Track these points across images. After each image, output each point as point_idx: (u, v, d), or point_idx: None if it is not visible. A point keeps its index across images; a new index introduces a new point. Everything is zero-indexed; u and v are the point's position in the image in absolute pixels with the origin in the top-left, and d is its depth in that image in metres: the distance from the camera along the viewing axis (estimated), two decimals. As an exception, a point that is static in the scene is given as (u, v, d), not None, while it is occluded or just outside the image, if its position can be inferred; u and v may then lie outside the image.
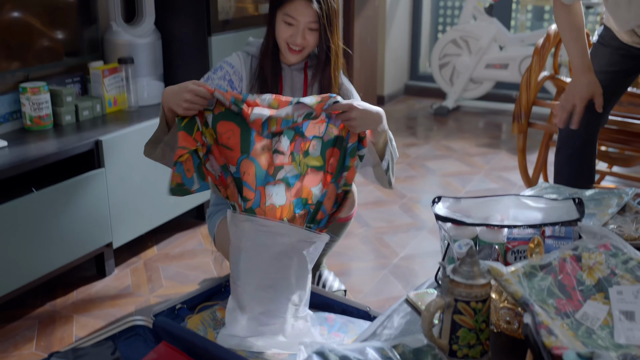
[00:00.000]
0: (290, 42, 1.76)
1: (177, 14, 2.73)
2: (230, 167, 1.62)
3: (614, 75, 2.15)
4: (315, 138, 1.63)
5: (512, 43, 4.51)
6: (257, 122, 1.58)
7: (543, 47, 2.63)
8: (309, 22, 1.74)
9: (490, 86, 4.64)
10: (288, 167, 1.63)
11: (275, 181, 1.62)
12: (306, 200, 1.64)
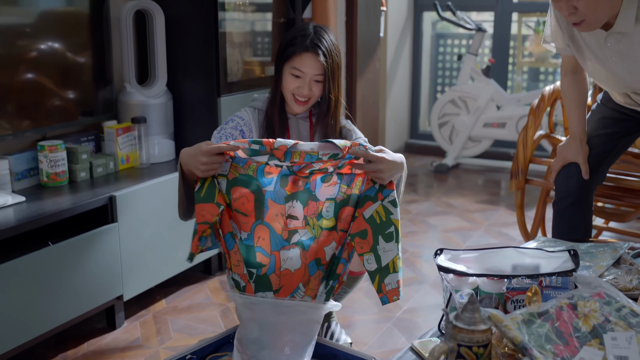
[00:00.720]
0: (296, 94, 1.87)
1: (188, 76, 2.86)
2: (242, 233, 1.66)
3: (609, 136, 2.25)
4: (328, 199, 1.67)
5: (508, 103, 4.65)
6: (281, 149, 1.60)
7: (538, 107, 2.75)
8: (315, 75, 1.85)
9: (489, 144, 4.76)
10: (302, 230, 1.67)
11: (290, 245, 1.67)
12: (320, 260, 1.68)
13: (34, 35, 2.40)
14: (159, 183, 2.54)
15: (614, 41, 1.96)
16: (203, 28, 2.79)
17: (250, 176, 1.67)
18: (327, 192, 1.68)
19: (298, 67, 1.84)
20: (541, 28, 4.97)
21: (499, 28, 4.93)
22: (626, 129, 2.26)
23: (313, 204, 1.68)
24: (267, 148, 1.60)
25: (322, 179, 1.68)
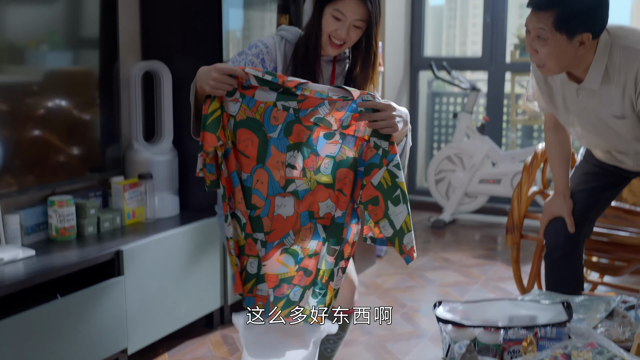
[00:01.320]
0: (334, 36, 1.88)
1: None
2: (242, 174, 1.72)
3: (592, 191, 2.35)
4: (328, 156, 1.73)
5: (503, 160, 4.76)
6: (293, 81, 1.67)
7: (531, 164, 2.84)
8: (355, 20, 1.86)
9: (485, 200, 4.84)
10: (299, 181, 1.73)
11: (285, 193, 1.73)
12: (313, 213, 1.74)
13: (46, 94, 2.51)
14: (164, 238, 2.61)
15: (585, 95, 2.07)
16: (208, 88, 2.90)
17: (257, 120, 1.71)
18: (328, 150, 1.73)
19: (341, 9, 1.86)
20: (534, 87, 5.13)
21: (493, 87, 5.08)
22: (608, 183, 2.36)
23: (313, 158, 1.73)
24: (280, 80, 1.67)
25: (325, 136, 1.73)
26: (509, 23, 5.04)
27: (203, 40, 2.90)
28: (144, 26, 3.02)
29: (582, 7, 1.88)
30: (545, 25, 1.89)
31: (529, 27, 1.96)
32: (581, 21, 1.89)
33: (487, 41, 5.00)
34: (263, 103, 1.71)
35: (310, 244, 1.75)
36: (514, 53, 5.01)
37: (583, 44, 1.93)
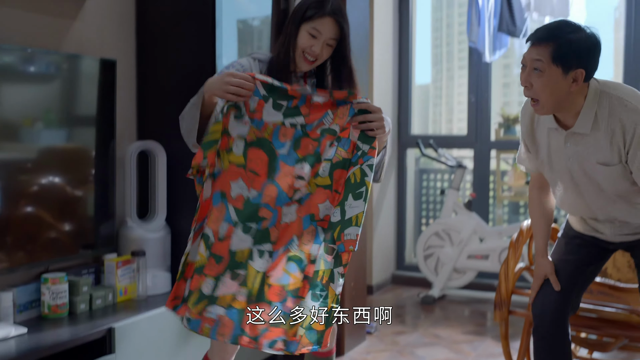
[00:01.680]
0: (308, 52, 2.03)
1: (186, 211, 3.01)
2: (252, 191, 1.83)
3: (574, 263, 2.39)
4: (325, 160, 1.87)
5: (491, 235, 4.82)
6: (298, 91, 1.86)
7: (517, 240, 2.90)
8: (329, 38, 2.03)
9: (473, 276, 4.88)
10: (304, 189, 1.86)
11: (291, 202, 1.85)
12: (313, 216, 1.86)
13: (40, 171, 2.57)
14: (156, 315, 2.62)
15: (572, 142, 2.15)
16: (202, 166, 2.98)
17: (266, 139, 1.84)
18: (327, 154, 1.87)
19: (318, 27, 2.02)
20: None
21: (479, 164, 5.20)
22: (590, 255, 2.38)
23: (317, 165, 1.87)
24: (289, 89, 1.83)
25: (329, 144, 1.87)
26: (493, 102, 5.20)
27: (197, 120, 2.99)
28: (140, 106, 3.12)
29: (578, 44, 2.00)
30: (543, 57, 2.01)
31: (526, 61, 2.07)
32: (577, 56, 2.00)
33: (472, 120, 5.15)
34: (271, 123, 1.84)
35: (312, 248, 1.85)
36: (498, 131, 5.16)
37: (576, 81, 2.03)
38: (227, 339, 1.75)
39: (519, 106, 6.48)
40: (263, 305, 1.77)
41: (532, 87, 2.05)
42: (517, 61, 6.21)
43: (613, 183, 2.16)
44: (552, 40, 2.00)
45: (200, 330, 1.77)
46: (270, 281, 1.79)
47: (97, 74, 2.75)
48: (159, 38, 3.08)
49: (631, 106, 2.05)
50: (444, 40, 6.96)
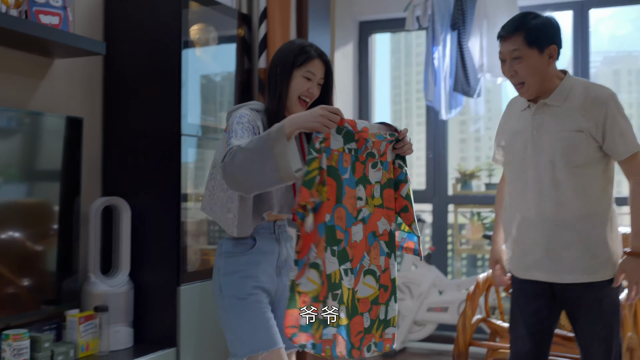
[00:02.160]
0: (305, 95, 2.16)
1: (150, 265, 3.04)
2: (326, 215, 1.95)
3: (531, 316, 2.45)
4: (375, 182, 2.09)
5: (449, 288, 4.92)
6: (364, 131, 2.03)
7: (474, 293, 3.00)
8: (320, 78, 2.18)
9: (433, 328, 4.94)
10: (364, 209, 2.04)
11: (357, 222, 2.02)
12: (375, 232, 2.07)
13: (2, 226, 2.58)
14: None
15: (541, 113, 2.35)
16: (166, 219, 3.03)
17: (333, 167, 1.99)
18: (375, 177, 2.08)
19: (312, 70, 2.16)
20: (475, 218, 5.40)
21: (437, 218, 5.32)
22: (541, 307, 2.42)
23: (369, 187, 2.07)
24: (355, 134, 2.02)
25: (372, 166, 2.07)
26: (450, 158, 5.36)
27: (162, 176, 3.06)
28: (106, 162, 3.17)
29: (544, 25, 2.31)
30: (519, 45, 2.28)
31: (504, 55, 2.33)
32: (546, 35, 2.30)
33: (430, 175, 5.29)
34: (336, 150, 2.00)
35: (380, 260, 2.07)
36: (455, 186, 5.31)
37: (552, 56, 2.32)
38: (345, 354, 1.98)
39: (475, 161, 6.70)
40: (358, 318, 2.03)
41: (517, 74, 2.32)
42: (472, 118, 6.45)
43: (570, 152, 2.30)
44: (521, 29, 2.28)
45: (323, 352, 1.93)
46: (358, 295, 2.03)
47: (64, 131, 2.80)
48: (125, 96, 3.16)
49: (603, 89, 2.34)
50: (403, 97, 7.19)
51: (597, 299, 2.31)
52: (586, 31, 4.70)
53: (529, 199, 2.39)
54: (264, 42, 3.53)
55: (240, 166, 1.89)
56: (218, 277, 2.16)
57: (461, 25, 4.49)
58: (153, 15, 3.11)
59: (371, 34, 5.37)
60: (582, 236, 2.31)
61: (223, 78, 3.49)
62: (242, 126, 2.06)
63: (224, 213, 2.10)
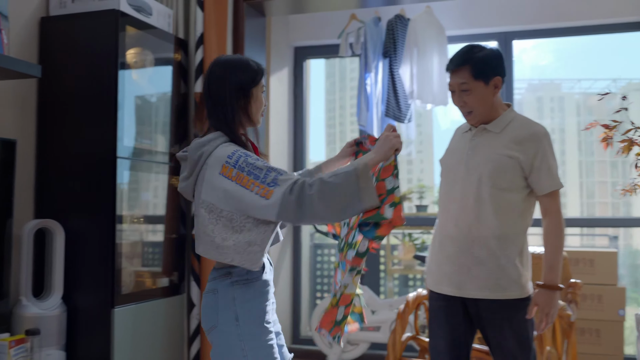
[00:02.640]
0: (261, 108, 2.20)
1: (83, 288, 3.04)
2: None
3: (448, 334, 2.56)
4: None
5: (382, 308, 5.03)
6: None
7: (404, 312, 3.11)
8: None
9: (366, 347, 5.04)
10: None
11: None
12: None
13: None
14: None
15: (479, 136, 2.52)
16: (100, 242, 3.03)
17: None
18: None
19: (264, 84, 2.21)
20: (407, 239, 5.55)
21: (370, 239, 5.44)
22: (457, 323, 2.53)
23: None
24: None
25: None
26: (382, 181, 5.51)
27: (97, 199, 3.06)
28: (39, 185, 3.16)
29: (489, 58, 2.47)
30: (467, 78, 2.43)
31: (454, 87, 2.49)
32: (490, 67, 2.46)
33: (363, 197, 5.42)
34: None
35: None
36: (387, 208, 5.45)
37: (497, 86, 2.48)
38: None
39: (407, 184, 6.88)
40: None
41: (465, 104, 2.48)
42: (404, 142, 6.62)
43: (498, 174, 2.46)
44: (468, 63, 2.44)
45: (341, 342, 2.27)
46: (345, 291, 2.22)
47: (-4, 153, 2.79)
48: (61, 118, 3.16)
49: (540, 127, 2.51)
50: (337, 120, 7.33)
51: (507, 317, 2.44)
52: (510, 61, 4.94)
53: (452, 214, 2.53)
54: (201, 66, 3.59)
55: (324, 197, 1.96)
56: (233, 307, 2.09)
57: (392, 53, 4.66)
58: (89, 38, 3.14)
59: (306, 59, 5.50)
60: (494, 255, 2.44)
61: (159, 101, 3.52)
62: (259, 161, 2.04)
63: (245, 248, 2.03)
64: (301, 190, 1.95)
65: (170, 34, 3.56)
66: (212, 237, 2.03)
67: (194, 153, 2.08)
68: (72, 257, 3.04)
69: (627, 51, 5.16)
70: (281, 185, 1.96)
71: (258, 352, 2.07)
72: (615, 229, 5.54)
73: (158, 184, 3.47)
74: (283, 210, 1.95)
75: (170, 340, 3.44)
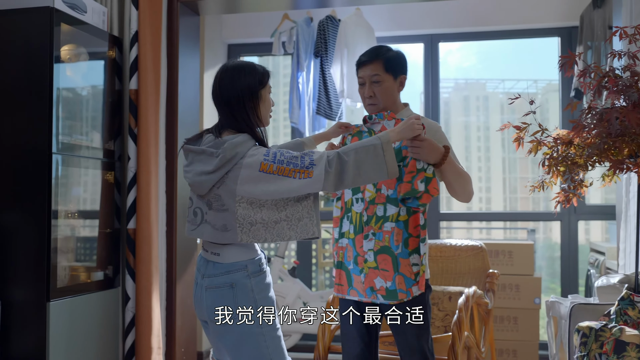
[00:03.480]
0: (271, 109, 2.39)
1: (17, 282, 3.07)
2: None
3: (354, 335, 2.73)
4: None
5: (313, 299, 5.19)
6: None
7: (333, 301, 3.26)
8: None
9: (298, 338, 5.19)
10: None
11: None
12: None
13: None
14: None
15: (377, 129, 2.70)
16: (35, 236, 3.07)
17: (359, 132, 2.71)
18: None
19: (271, 86, 2.38)
20: (338, 233, 5.73)
21: (302, 233, 5.60)
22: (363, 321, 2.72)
23: None
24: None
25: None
26: (314, 176, 5.67)
27: (31, 194, 3.10)
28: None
29: (398, 57, 2.70)
30: (379, 70, 2.64)
31: (364, 79, 2.66)
32: (399, 65, 2.69)
33: (295, 192, 5.57)
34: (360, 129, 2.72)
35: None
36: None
37: (401, 84, 2.70)
38: (351, 260, 2.67)
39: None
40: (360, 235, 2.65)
41: (374, 95, 2.66)
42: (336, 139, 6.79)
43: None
44: (380, 58, 2.65)
45: (337, 257, 2.74)
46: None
47: None
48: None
49: (433, 122, 2.72)
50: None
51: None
52: (436, 62, 5.17)
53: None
54: (135, 64, 3.65)
55: (353, 165, 2.24)
56: (253, 298, 2.28)
57: (324, 53, 4.81)
58: (23, 34, 3.16)
59: (239, 56, 5.59)
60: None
61: (94, 98, 3.57)
62: (291, 152, 2.27)
63: (296, 223, 2.27)
64: (338, 162, 2.24)
65: (105, 31, 3.61)
66: (251, 222, 2.23)
67: (229, 152, 2.22)
68: (6, 251, 3.07)
69: (544, 54, 5.47)
70: (318, 165, 2.23)
71: (275, 339, 2.34)
72: (535, 223, 5.88)
73: (92, 179, 3.51)
74: (326, 182, 2.23)
75: (106, 333, 3.50)
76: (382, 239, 2.56)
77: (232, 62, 2.41)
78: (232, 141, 2.24)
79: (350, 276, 2.66)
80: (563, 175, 2.66)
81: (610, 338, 2.31)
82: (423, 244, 2.55)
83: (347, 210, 2.68)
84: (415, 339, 2.59)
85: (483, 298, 3.41)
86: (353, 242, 2.65)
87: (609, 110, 2.42)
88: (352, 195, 2.66)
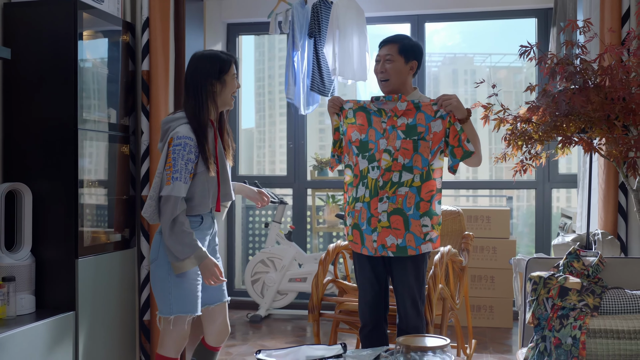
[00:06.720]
0: (234, 92, 2.83)
1: (50, 242, 3.50)
2: (362, 135, 2.94)
3: (371, 284, 3.14)
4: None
5: (308, 261, 5.65)
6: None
7: (325, 259, 3.71)
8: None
9: (294, 296, 5.66)
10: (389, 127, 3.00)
11: (383, 137, 2.94)
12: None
13: None
14: (25, 330, 3.09)
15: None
16: (64, 202, 3.49)
17: (361, 107, 3.09)
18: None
19: (234, 70, 2.79)
20: (330, 200, 6.16)
21: (297, 201, 6.04)
22: (377, 263, 3.14)
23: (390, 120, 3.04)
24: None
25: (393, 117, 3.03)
26: (310, 147, 6.08)
27: (59, 164, 3.51)
28: (6, 150, 3.57)
29: (413, 45, 3.07)
30: (393, 51, 3.02)
31: (380, 57, 3.05)
32: (412, 52, 3.05)
33: (291, 162, 5.99)
34: (355, 106, 3.12)
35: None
36: (313, 172, 6.04)
37: (412, 69, 3.06)
38: (365, 221, 2.97)
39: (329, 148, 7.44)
40: (375, 199, 2.98)
41: (385, 71, 3.05)
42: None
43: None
44: (397, 42, 3.05)
45: (354, 219, 3.01)
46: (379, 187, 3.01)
47: (-28, 125, 3.19)
48: (24, 96, 3.57)
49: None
50: (266, 89, 7.81)
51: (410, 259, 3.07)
52: (423, 40, 5.56)
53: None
54: (147, 47, 4.04)
55: (172, 234, 2.69)
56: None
57: (317, 33, 5.20)
58: (50, 22, 3.54)
59: (238, 35, 5.97)
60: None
61: (111, 79, 3.96)
62: (185, 163, 2.68)
63: (203, 197, 2.77)
64: (172, 207, 2.66)
65: (119, 18, 3.99)
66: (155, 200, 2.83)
67: (165, 125, 2.74)
68: (38, 215, 3.50)
69: (526, 32, 5.84)
70: (173, 189, 2.66)
71: (180, 285, 2.78)
72: (520, 191, 6.32)
73: (110, 152, 3.93)
74: (156, 203, 2.76)
75: (124, 287, 3.95)
76: (395, 202, 2.89)
77: (201, 51, 2.85)
78: (170, 116, 2.80)
79: (363, 236, 2.98)
80: (521, 148, 3.09)
81: (556, 285, 2.77)
82: (435, 208, 2.95)
83: (362, 177, 2.94)
84: (413, 279, 3.01)
85: (458, 256, 3.86)
86: (368, 204, 2.92)
87: (558, 93, 2.85)
88: (368, 164, 2.93)
